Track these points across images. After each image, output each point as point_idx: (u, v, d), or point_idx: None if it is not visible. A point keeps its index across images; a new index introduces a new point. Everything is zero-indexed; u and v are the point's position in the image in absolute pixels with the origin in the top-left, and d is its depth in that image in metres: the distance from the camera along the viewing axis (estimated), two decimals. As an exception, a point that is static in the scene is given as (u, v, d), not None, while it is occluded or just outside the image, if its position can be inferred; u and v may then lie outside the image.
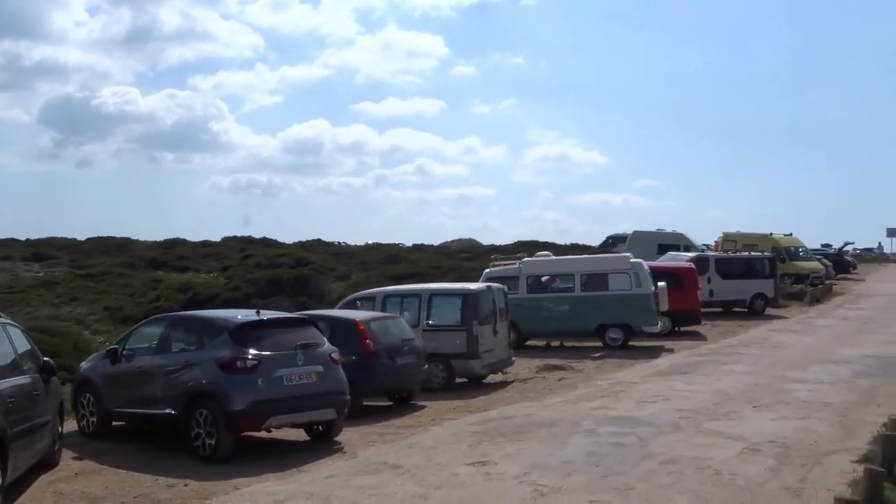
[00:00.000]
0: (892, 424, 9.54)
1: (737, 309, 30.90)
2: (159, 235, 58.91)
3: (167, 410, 11.01)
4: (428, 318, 16.79)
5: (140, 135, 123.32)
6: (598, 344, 21.77)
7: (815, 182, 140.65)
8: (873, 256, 60.95)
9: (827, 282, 42.87)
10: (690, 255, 31.48)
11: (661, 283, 22.78)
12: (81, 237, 64.65)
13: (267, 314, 12.01)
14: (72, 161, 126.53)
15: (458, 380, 16.67)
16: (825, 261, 47.53)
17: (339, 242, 62.72)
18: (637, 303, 21.67)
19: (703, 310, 28.99)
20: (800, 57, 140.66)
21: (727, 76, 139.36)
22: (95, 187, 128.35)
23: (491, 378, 17.73)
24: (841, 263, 51.70)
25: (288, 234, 60.84)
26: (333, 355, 11.60)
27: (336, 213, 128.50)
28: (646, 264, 22.94)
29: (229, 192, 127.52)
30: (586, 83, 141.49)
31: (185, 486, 9.44)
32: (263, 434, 11.37)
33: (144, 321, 13.86)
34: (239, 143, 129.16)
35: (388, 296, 17.47)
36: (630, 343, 22.43)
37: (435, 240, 63.06)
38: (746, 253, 32.48)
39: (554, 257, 24.34)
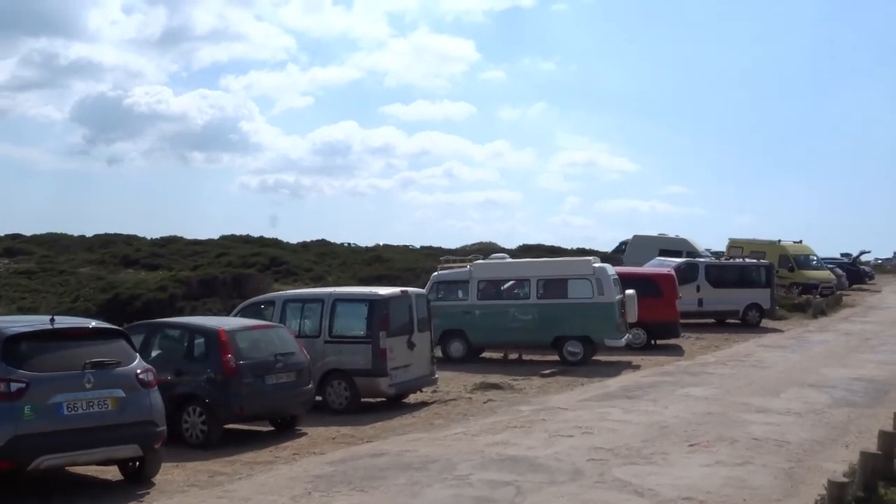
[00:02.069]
0: (834, 489, 7.06)
1: (730, 321, 28.24)
2: (187, 233, 56.52)
3: None
4: (330, 328, 14.39)
5: (171, 134, 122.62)
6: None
7: (849, 190, 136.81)
8: (892, 266, 57.74)
9: (838, 292, 39.98)
10: (679, 260, 28.81)
11: (629, 291, 20.24)
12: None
13: (63, 322, 9.61)
14: (102, 158, 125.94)
15: (380, 399, 14.34)
16: (838, 270, 44.66)
17: (348, 244, 60.42)
18: (599, 313, 19.13)
19: (691, 321, 26.61)
20: (836, 62, 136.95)
21: (760, 82, 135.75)
22: (125, 185, 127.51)
23: (414, 398, 15.36)
24: (856, 273, 48.67)
25: (314, 235, 58.71)
26: (142, 376, 9.23)
27: (363, 216, 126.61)
28: (612, 269, 20.38)
29: (257, 192, 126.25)
30: (617, 89, 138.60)
31: None
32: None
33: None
34: (268, 143, 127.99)
35: (288, 301, 15.10)
36: (595, 358, 19.98)
37: (460, 244, 60.63)
38: (741, 260, 29.69)
39: (509, 260, 21.76)
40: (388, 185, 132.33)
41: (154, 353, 11.95)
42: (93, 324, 9.74)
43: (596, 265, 19.65)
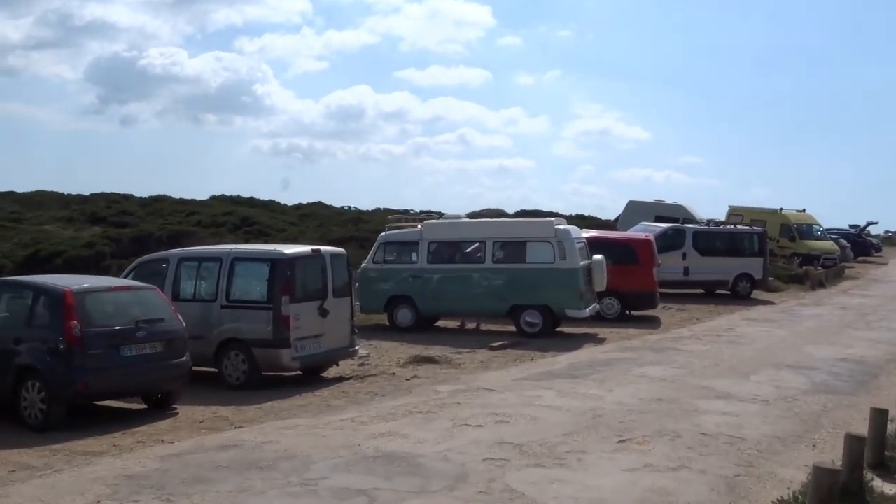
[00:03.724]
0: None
1: (720, 291, 26.11)
2: (197, 195, 54.55)
3: None
4: (228, 291, 12.40)
5: (185, 95, 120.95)
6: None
7: (863, 160, 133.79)
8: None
9: (841, 264, 37.73)
10: (665, 225, 26.63)
11: (597, 257, 18.15)
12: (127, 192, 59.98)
13: None
14: (116, 119, 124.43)
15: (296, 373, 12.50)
16: (843, 241, 42.34)
17: (347, 207, 58.32)
18: (560, 280, 17.06)
19: (676, 291, 24.58)
20: (854, 32, 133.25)
21: (776, 52, 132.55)
22: (137, 146, 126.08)
23: (335, 371, 13.46)
24: (861, 245, 46.32)
25: (326, 199, 57.25)
26: None
27: (374, 181, 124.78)
28: (578, 233, 18.28)
29: (270, 155, 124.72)
30: (634, 57, 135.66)
31: None
32: None
33: None
34: (282, 107, 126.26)
35: (183, 259, 13.10)
36: (560, 329, 18.00)
37: (469, 210, 59.01)
38: (731, 226, 27.44)
39: (465, 220, 19.62)
40: (400, 151, 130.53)
41: (-2, 317, 10.07)
42: None
43: (559, 227, 17.53)
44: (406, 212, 21.40)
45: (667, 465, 7.92)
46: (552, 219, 18.30)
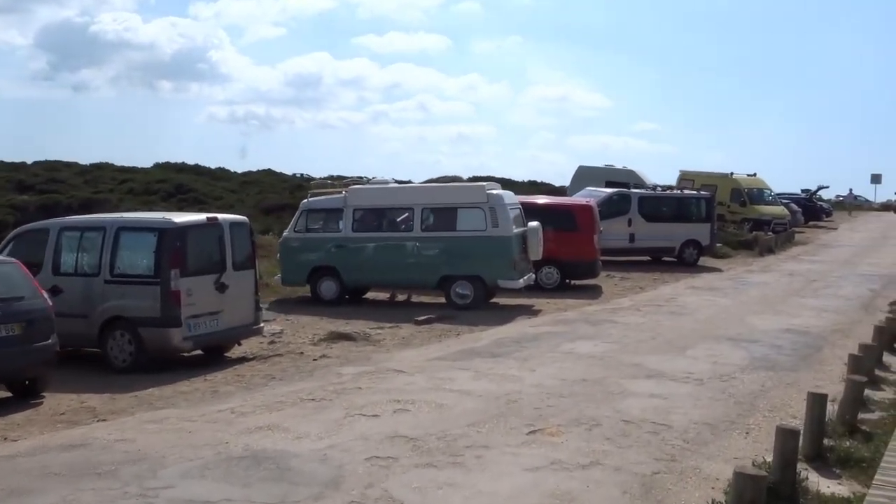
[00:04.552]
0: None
1: (667, 258, 25.25)
2: (147, 163, 52.15)
3: None
4: (112, 264, 11.14)
5: (139, 62, 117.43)
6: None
7: (816, 125, 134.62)
8: (850, 204, 54.96)
9: (792, 229, 37.19)
10: (610, 191, 25.67)
11: (533, 224, 17.10)
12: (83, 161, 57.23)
13: None
14: (68, 86, 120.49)
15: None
16: (793, 206, 41.79)
17: (300, 174, 56.61)
18: (492, 248, 16.00)
19: (622, 259, 23.68)
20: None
21: (732, 20, 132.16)
22: (90, 113, 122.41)
23: (242, 351, 12.30)
24: (812, 209, 45.90)
25: (284, 167, 55.68)
26: None
27: (334, 148, 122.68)
28: (513, 198, 17.21)
29: (227, 122, 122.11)
30: (593, 24, 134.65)
31: None
32: None
33: None
34: (238, 74, 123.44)
35: (65, 229, 11.76)
36: (494, 300, 17.00)
37: (427, 177, 57.78)
38: (678, 191, 26.53)
39: (392, 185, 18.42)
40: (359, 118, 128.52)
41: None
42: None
43: (491, 192, 16.43)
44: (360, 178, 20.07)
45: (577, 461, 6.92)
46: (484, 183, 17.19)
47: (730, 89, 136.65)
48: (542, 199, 21.54)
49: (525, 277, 16.58)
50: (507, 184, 54.22)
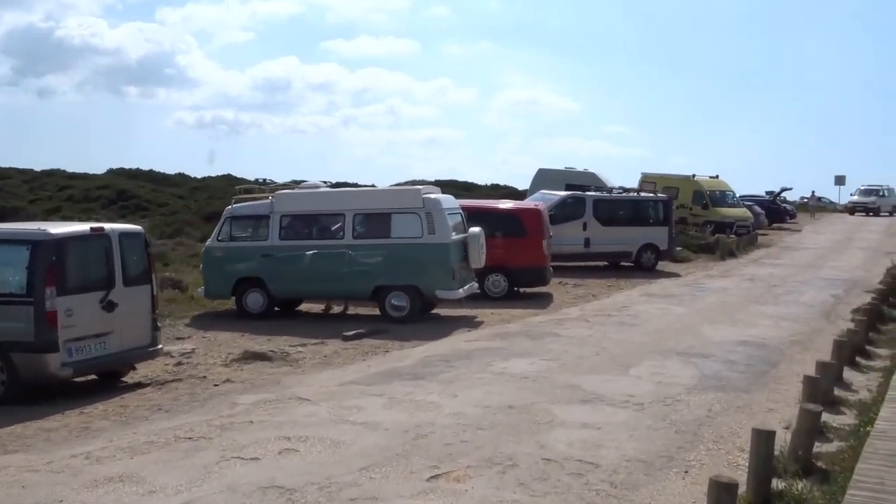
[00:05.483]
0: None
1: (624, 263, 24.25)
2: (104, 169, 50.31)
3: None
4: (-20, 281, 9.83)
5: (105, 67, 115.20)
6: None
7: (780, 127, 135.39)
8: (813, 206, 54.46)
9: (755, 232, 36.43)
10: (564, 193, 24.63)
11: (474, 230, 15.99)
12: (37, 168, 55.33)
13: None
14: (32, 91, 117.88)
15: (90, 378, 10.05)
16: (756, 208, 41.06)
17: (262, 179, 55.08)
18: (429, 256, 14.87)
19: (577, 264, 22.64)
20: (776, 5, 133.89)
21: (700, 24, 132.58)
22: (55, 119, 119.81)
23: (141, 375, 11.02)
24: (776, 211, 45.19)
25: (252, 173, 54.16)
26: None
27: (305, 153, 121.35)
28: (452, 202, 16.09)
29: (195, 128, 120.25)
30: (562, 28, 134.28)
31: None
32: None
33: None
34: (206, 78, 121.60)
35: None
36: (435, 311, 15.88)
37: (397, 181, 56.76)
38: (634, 194, 25.53)
39: (323, 189, 17.20)
40: (329, 123, 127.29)
41: None
42: None
43: (428, 196, 15.29)
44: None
45: (477, 518, 5.76)
46: (420, 187, 16.04)
47: (697, 93, 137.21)
48: (487, 204, 20.40)
49: (466, 287, 15.45)
50: (468, 187, 53.24)
